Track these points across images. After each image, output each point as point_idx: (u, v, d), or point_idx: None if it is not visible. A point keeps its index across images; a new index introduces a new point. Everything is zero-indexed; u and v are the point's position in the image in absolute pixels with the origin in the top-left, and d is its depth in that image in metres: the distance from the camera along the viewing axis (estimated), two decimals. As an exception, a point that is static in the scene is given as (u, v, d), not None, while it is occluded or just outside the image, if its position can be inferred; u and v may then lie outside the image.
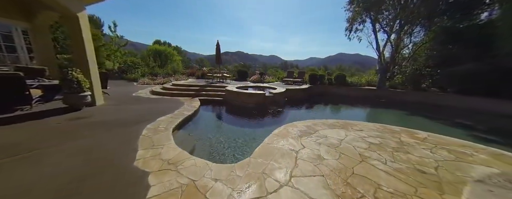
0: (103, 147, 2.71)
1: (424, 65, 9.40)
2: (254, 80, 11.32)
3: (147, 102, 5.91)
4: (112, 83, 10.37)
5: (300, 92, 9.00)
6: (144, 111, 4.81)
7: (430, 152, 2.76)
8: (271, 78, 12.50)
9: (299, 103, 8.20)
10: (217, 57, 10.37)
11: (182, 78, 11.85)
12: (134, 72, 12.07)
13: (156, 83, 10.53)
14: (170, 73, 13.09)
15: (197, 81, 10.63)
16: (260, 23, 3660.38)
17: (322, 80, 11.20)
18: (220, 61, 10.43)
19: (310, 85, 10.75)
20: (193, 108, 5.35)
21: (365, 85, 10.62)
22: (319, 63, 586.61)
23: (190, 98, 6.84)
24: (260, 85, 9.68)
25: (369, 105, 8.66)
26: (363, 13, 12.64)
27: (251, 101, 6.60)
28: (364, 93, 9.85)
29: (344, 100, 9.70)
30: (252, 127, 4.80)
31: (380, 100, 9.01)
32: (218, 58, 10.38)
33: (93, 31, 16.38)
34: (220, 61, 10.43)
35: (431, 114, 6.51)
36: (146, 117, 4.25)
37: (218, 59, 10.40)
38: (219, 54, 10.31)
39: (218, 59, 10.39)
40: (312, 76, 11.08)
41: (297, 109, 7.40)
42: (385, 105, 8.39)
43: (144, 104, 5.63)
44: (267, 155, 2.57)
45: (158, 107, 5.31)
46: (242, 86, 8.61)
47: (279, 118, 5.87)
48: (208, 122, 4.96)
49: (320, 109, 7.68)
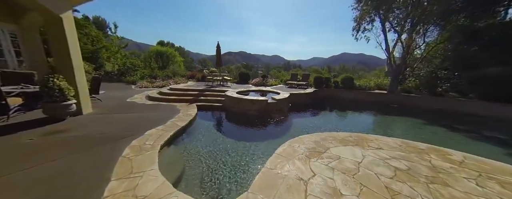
0: (70, 174, 2.24)
1: (439, 67, 8.72)
2: (256, 83, 10.82)
3: (140, 110, 5.47)
4: (110, 86, 10.04)
5: (305, 96, 8.45)
6: (134, 121, 4.36)
7: (476, 184, 2.19)
8: (274, 81, 11.97)
9: (304, 109, 7.66)
10: (218, 59, 9.91)
11: (181, 80, 11.44)
12: (133, 75, 11.72)
13: (155, 86, 10.13)
14: (170, 75, 12.70)
15: (197, 84, 10.19)
16: (263, 23, 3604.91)
17: (328, 83, 10.61)
18: (220, 63, 9.97)
19: (315, 88, 10.17)
20: (189, 117, 4.88)
21: (375, 89, 9.99)
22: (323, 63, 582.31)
23: (187, 104, 6.38)
24: (263, 89, 9.17)
25: (380, 111, 8.04)
26: (372, 11, 11.99)
27: (253, 108, 6.09)
28: (374, 97, 9.22)
29: (352, 106, 9.09)
30: (253, 140, 4.29)
31: (392, 105, 8.38)
32: (218, 60, 9.92)
33: (94, 33, 16.20)
34: (220, 63, 9.97)
35: (453, 124, 5.86)
36: (134, 129, 3.79)
37: (218, 61, 9.93)
38: (219, 56, 9.84)
39: (219, 61, 9.93)
40: (317, 79, 10.51)
41: (302, 116, 6.86)
42: (398, 111, 7.76)
43: (136, 112, 5.18)
44: (269, 188, 2.06)
45: (151, 116, 4.85)
46: (243, 90, 8.12)
47: (282, 127, 5.35)
48: (204, 134, 4.47)
49: (326, 116, 7.12)
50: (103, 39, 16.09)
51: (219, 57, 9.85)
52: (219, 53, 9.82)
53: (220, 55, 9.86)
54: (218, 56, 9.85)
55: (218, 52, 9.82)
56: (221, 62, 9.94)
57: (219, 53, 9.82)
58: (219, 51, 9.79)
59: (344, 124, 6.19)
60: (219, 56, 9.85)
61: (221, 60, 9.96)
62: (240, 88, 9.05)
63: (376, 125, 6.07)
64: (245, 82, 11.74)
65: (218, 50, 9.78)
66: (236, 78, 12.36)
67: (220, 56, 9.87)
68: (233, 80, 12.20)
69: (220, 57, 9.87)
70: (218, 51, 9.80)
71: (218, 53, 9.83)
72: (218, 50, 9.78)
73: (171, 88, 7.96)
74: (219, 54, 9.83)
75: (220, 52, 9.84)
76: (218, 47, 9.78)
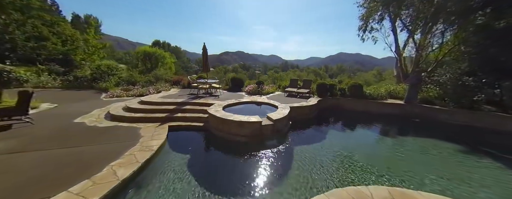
0: None
1: (464, 73, 7.36)
2: (250, 90, 9.32)
3: (82, 139, 3.91)
4: (74, 95, 8.38)
5: (308, 110, 6.99)
6: (53, 167, 2.82)
7: None
8: (271, 88, 10.49)
9: (307, 125, 6.23)
10: (204, 63, 8.36)
11: (164, 87, 9.84)
12: (107, 80, 10.07)
13: (130, 95, 8.52)
14: (152, 80, 11.08)
15: (179, 93, 8.61)
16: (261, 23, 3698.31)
17: (333, 90, 9.17)
18: (207, 67, 8.42)
19: (318, 97, 8.74)
20: (147, 153, 3.36)
21: (387, 98, 8.59)
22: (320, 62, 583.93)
23: (156, 126, 4.85)
24: (257, 99, 7.68)
25: (402, 128, 6.64)
26: (381, 9, 10.62)
27: (243, 133, 4.59)
28: (389, 109, 7.78)
29: (364, 119, 7.67)
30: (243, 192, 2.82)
31: (412, 120, 6.98)
32: (205, 65, 8.37)
33: (69, 32, 14.44)
34: (207, 67, 8.42)
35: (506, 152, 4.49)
36: (39, 187, 2.27)
37: (205, 66, 8.39)
38: (206, 60, 8.29)
39: (205, 65, 8.38)
40: (321, 87, 9.05)
41: (306, 138, 5.39)
42: (423, 129, 6.36)
43: (73, 145, 3.62)
44: None
45: (88, 154, 3.31)
46: (233, 103, 6.62)
47: (284, 159, 3.88)
48: (167, 184, 2.96)
49: (336, 137, 5.66)
50: (80, 39, 14.38)
51: (205, 60, 8.30)
52: (205, 56, 8.28)
53: (207, 59, 8.32)
54: (205, 59, 8.31)
55: (205, 55, 8.28)
56: (207, 66, 8.39)
57: (206, 56, 8.28)
58: (205, 53, 8.25)
59: (362, 152, 4.72)
60: (206, 59, 8.30)
61: (208, 64, 8.41)
62: (231, 98, 7.56)
63: (406, 156, 4.61)
64: (238, 89, 10.22)
65: (205, 52, 8.24)
66: (228, 84, 10.84)
67: (207, 60, 8.32)
68: (224, 87, 10.68)
69: (207, 60, 8.32)
70: (204, 53, 8.26)
71: (205, 56, 8.29)
72: (205, 52, 8.24)
73: (142, 101, 6.38)
74: (206, 57, 8.29)
75: (206, 55, 8.30)
76: (204, 49, 8.24)
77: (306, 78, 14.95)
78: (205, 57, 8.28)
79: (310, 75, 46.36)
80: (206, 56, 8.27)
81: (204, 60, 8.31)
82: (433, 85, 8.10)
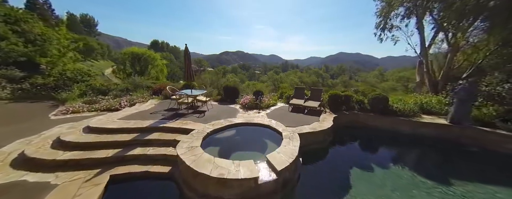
0: None
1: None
2: (246, 104, 7.47)
3: None
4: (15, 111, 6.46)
5: (322, 136, 5.13)
6: None
7: None
8: (272, 99, 8.64)
9: (321, 157, 4.45)
10: (187, 70, 6.49)
11: (140, 99, 7.98)
12: (70, 89, 8.19)
13: (94, 109, 6.66)
14: (130, 88, 9.22)
15: (155, 108, 6.74)
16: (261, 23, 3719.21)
17: (349, 103, 7.34)
18: (191, 76, 6.54)
19: (331, 112, 6.92)
20: None
21: (418, 113, 6.72)
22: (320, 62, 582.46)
23: (89, 177, 3.01)
24: (255, 117, 5.86)
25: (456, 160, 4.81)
26: (406, 3, 8.79)
27: (228, 195, 2.76)
28: (428, 130, 5.77)
29: (395, 143, 5.87)
30: None
31: (468, 148, 5.14)
32: (188, 73, 6.49)
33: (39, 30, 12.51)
34: (191, 76, 6.54)
35: None
36: None
37: (187, 74, 6.51)
38: (189, 66, 6.43)
39: (188, 73, 6.50)
40: (334, 98, 7.21)
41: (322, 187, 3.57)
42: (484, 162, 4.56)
43: None
44: None
45: None
46: (220, 127, 4.78)
47: None
48: None
49: (365, 180, 3.82)
50: (54, 38, 12.50)
51: (188, 66, 6.43)
52: (188, 60, 6.42)
53: (189, 64, 6.46)
54: (187, 65, 6.45)
55: (187, 60, 6.42)
56: (191, 74, 6.52)
57: (188, 60, 6.42)
58: (188, 57, 6.40)
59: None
60: (188, 65, 6.44)
61: (191, 71, 6.54)
62: (221, 116, 5.74)
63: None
64: (232, 100, 8.37)
65: (187, 56, 6.39)
66: (220, 93, 8.98)
67: (190, 66, 6.46)
68: (216, 97, 8.83)
69: (190, 67, 6.46)
70: (186, 57, 6.40)
71: (187, 61, 6.43)
72: (187, 56, 6.39)
73: (88, 128, 4.49)
74: (188, 62, 6.43)
75: (189, 59, 6.44)
76: (186, 52, 6.39)
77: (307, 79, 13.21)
78: (188, 62, 6.42)
79: (312, 77, 44.54)
80: (188, 60, 6.41)
81: (186, 66, 6.45)
82: (482, 99, 6.25)
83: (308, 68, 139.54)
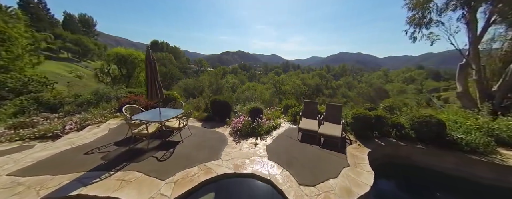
0: None
1: None
2: (239, 128, 5.33)
3: None
4: None
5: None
6: None
7: None
8: (274, 116, 6.56)
9: None
10: (151, 84, 4.40)
11: (96, 120, 5.90)
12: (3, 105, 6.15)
13: (18, 138, 4.64)
14: (92, 101, 7.16)
15: (107, 136, 4.70)
16: (261, 22, 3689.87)
17: (382, 128, 5.23)
18: (157, 92, 4.46)
19: (359, 143, 4.84)
20: None
21: (494, 147, 4.52)
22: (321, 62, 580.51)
23: None
24: (250, 154, 3.80)
25: None
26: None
27: None
28: None
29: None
30: None
31: None
32: (152, 89, 4.41)
33: None
34: (157, 92, 4.46)
35: None
36: None
37: (152, 90, 4.42)
38: (153, 78, 4.36)
39: (153, 90, 4.42)
40: (362, 121, 5.12)
41: None
42: None
43: None
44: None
45: None
46: (188, 190, 2.73)
47: None
48: None
49: None
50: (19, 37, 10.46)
51: (152, 78, 4.36)
52: (151, 70, 4.35)
53: (154, 75, 4.39)
54: (151, 76, 4.37)
55: (150, 69, 4.35)
56: (156, 89, 4.44)
57: (152, 69, 4.36)
58: (151, 65, 4.33)
59: None
60: (152, 76, 4.37)
61: (158, 84, 4.47)
62: (201, 147, 3.71)
63: None
64: (221, 119, 6.29)
65: (149, 63, 4.32)
66: (207, 109, 6.91)
67: (154, 77, 4.39)
68: (201, 114, 6.76)
69: (154, 78, 4.39)
70: (148, 65, 4.34)
71: (150, 71, 4.36)
72: (149, 63, 4.32)
73: None
74: (152, 72, 4.37)
75: (153, 69, 4.38)
76: (149, 56, 4.33)
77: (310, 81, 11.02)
78: (151, 72, 4.35)
79: (315, 78, 42.34)
80: (151, 70, 4.34)
81: (148, 78, 4.37)
82: None
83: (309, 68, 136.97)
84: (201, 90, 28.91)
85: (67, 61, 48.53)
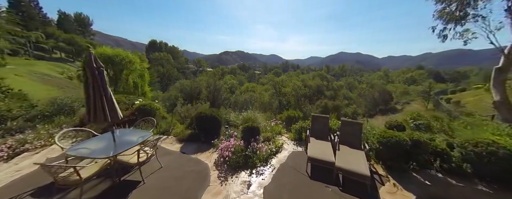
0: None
1: None
2: (228, 157, 3.91)
3: None
4: None
5: None
6: None
7: None
8: (274, 132, 5.18)
9: None
10: (91, 100, 3.02)
11: (39, 143, 4.50)
12: None
13: None
14: (49, 113, 5.73)
15: (21, 186, 3.29)
16: (261, 22, 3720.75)
17: (419, 156, 3.86)
18: (106, 113, 3.07)
19: (396, 183, 3.47)
20: None
21: None
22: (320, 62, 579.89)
23: None
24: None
25: None
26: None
27: None
28: None
29: None
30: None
31: None
32: (93, 105, 3.03)
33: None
34: (106, 113, 3.07)
35: None
36: None
37: (94, 107, 3.04)
38: (95, 89, 2.98)
39: (99, 109, 3.04)
40: (396, 146, 3.76)
41: None
42: None
43: None
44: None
45: None
46: None
47: None
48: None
49: None
50: None
51: (94, 92, 2.98)
52: (95, 76, 2.96)
53: (104, 85, 3.01)
54: (94, 86, 2.99)
55: (91, 75, 2.96)
56: (107, 107, 3.06)
57: (97, 76, 2.97)
58: (93, 69, 2.94)
59: None
60: (100, 89, 2.99)
61: (110, 103, 3.09)
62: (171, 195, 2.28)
63: None
64: (208, 138, 4.88)
65: (90, 64, 2.92)
66: (193, 124, 5.51)
67: (104, 89, 3.01)
68: (184, 132, 5.35)
69: (103, 90, 3.01)
70: (89, 67, 2.94)
71: (92, 80, 2.97)
72: (90, 64, 2.92)
73: None
74: (99, 80, 2.98)
75: (100, 75, 2.99)
76: (91, 61, 2.93)
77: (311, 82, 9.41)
78: (95, 83, 2.95)
79: (316, 79, 40.96)
80: (95, 80, 2.94)
81: (90, 92, 2.97)
82: None
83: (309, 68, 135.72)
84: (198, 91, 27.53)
85: (60, 61, 46.92)
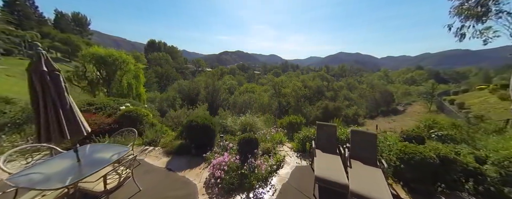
0: None
1: None
2: (220, 180, 3.30)
3: None
4: None
5: None
6: None
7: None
8: (273, 146, 4.58)
9: None
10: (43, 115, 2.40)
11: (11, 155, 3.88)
12: None
13: None
14: (21, 121, 5.09)
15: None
16: (261, 22, 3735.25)
17: (447, 176, 3.26)
18: (62, 129, 2.45)
19: None
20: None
21: None
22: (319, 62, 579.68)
23: None
24: None
25: None
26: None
27: None
28: None
29: None
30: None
31: None
32: (52, 124, 2.40)
33: None
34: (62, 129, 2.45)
35: None
36: None
37: (46, 125, 2.42)
38: (54, 103, 2.35)
39: (53, 123, 2.41)
40: (421, 165, 3.17)
41: None
42: None
43: None
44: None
45: None
46: None
47: None
48: None
49: None
50: None
51: (50, 101, 2.35)
52: (44, 83, 2.33)
53: (61, 92, 2.39)
54: (44, 99, 2.36)
55: (38, 81, 2.32)
56: (61, 124, 2.44)
57: (49, 83, 2.34)
58: (44, 74, 2.30)
59: None
60: (51, 98, 2.37)
61: (59, 116, 2.48)
62: None
63: None
64: (200, 150, 4.26)
65: (38, 68, 2.29)
66: (183, 134, 4.89)
67: (61, 96, 2.39)
68: (174, 142, 4.73)
69: (58, 98, 2.39)
70: (37, 73, 2.30)
71: (39, 84, 2.34)
72: (38, 68, 2.29)
73: None
74: (54, 86, 2.35)
75: (55, 80, 2.36)
76: (39, 64, 2.29)
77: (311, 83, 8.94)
78: (44, 93, 2.31)
79: (316, 80, 40.37)
80: (45, 87, 2.31)
81: (38, 103, 2.34)
82: None
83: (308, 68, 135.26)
84: (197, 92, 26.90)
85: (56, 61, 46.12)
